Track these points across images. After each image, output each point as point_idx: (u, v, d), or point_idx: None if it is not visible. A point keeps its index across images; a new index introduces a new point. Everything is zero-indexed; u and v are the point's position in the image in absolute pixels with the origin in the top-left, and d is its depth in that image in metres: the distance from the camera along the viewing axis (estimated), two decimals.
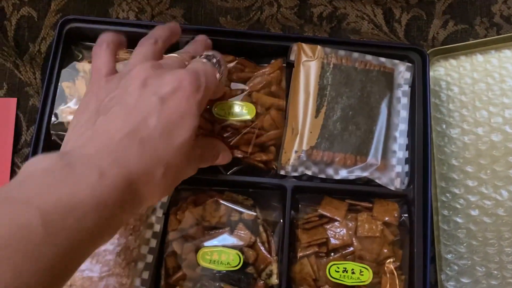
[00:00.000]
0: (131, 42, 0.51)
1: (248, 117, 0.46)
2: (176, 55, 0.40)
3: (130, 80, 0.36)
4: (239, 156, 0.46)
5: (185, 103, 0.35)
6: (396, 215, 0.47)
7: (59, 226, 0.27)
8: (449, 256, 0.51)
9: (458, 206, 0.52)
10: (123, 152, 0.32)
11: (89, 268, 0.44)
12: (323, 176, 0.47)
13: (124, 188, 0.31)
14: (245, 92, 0.47)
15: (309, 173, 0.47)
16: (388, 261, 0.46)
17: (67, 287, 0.44)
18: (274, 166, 0.48)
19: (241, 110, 0.46)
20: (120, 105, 0.35)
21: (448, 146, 0.53)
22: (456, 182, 0.52)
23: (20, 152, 0.54)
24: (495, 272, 0.50)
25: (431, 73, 0.55)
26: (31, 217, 0.26)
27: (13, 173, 0.54)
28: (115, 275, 0.44)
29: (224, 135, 0.46)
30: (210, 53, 0.40)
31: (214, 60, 0.40)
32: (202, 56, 0.40)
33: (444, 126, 0.54)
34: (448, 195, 0.53)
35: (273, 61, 0.49)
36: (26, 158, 0.54)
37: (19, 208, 0.27)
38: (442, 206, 0.53)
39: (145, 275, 0.45)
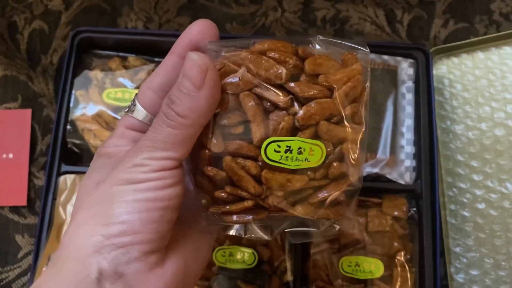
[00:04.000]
0: (140, 50, 0.54)
1: (313, 165, 0.29)
2: None
3: None
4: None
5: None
6: (404, 209, 0.49)
7: None
8: (457, 249, 0.53)
9: (465, 200, 0.53)
10: None
11: None
12: None
13: None
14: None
15: None
16: (399, 254, 0.47)
17: None
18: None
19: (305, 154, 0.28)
20: None
21: (453, 142, 0.55)
22: (462, 177, 0.54)
23: (36, 162, 0.56)
24: (503, 263, 0.51)
25: (434, 72, 0.57)
26: None
27: (30, 182, 0.55)
28: None
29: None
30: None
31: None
32: None
33: (448, 123, 0.55)
34: (454, 189, 0.54)
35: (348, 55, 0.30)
36: (42, 167, 0.55)
37: None
38: (449, 200, 0.54)
39: None
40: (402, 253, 0.48)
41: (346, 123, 0.29)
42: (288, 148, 0.28)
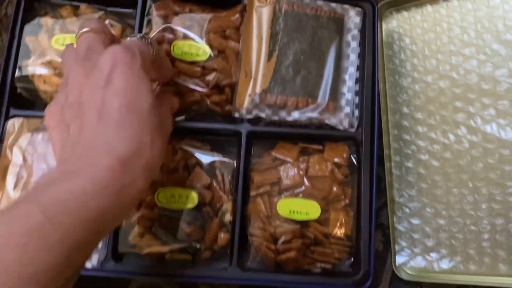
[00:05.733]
0: None
1: (203, 58, 0.50)
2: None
3: (73, 84, 0.38)
4: (195, 98, 0.49)
5: (130, 72, 0.36)
6: (345, 156, 0.50)
7: (59, 215, 0.30)
8: (401, 199, 0.54)
9: (409, 152, 0.54)
10: (107, 143, 0.34)
11: None
12: (276, 118, 0.49)
13: (118, 172, 0.33)
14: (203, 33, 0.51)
15: (262, 115, 0.49)
16: (337, 198, 0.49)
17: None
18: (229, 108, 0.50)
19: (197, 51, 0.50)
20: (80, 109, 0.36)
21: (400, 95, 0.55)
22: (407, 129, 0.55)
23: None
24: (443, 212, 0.52)
25: (384, 26, 0.57)
26: (33, 212, 0.29)
27: None
28: None
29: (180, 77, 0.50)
30: (138, 34, 0.42)
31: (144, 39, 0.41)
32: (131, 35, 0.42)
33: (396, 77, 0.56)
34: (400, 142, 0.55)
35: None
36: None
37: (23, 207, 0.30)
38: (394, 152, 0.55)
39: None
40: (341, 198, 0.49)
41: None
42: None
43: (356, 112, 0.51)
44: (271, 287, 0.48)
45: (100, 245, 0.47)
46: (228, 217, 0.48)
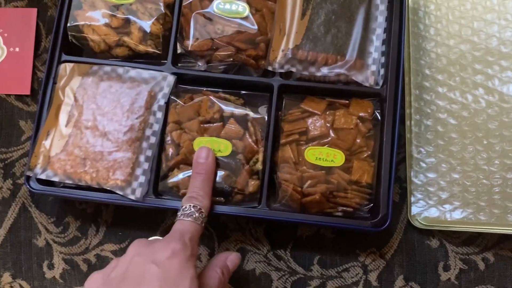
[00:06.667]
0: None
1: (242, 15, 0.54)
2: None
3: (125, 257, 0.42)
4: (232, 52, 0.53)
5: (180, 265, 0.41)
6: (369, 111, 0.54)
7: None
8: (418, 155, 0.57)
9: (429, 111, 0.58)
10: None
11: (100, 144, 0.51)
12: (306, 73, 0.53)
13: None
14: None
15: (293, 70, 0.53)
16: (360, 149, 0.53)
17: (81, 160, 0.51)
18: (263, 63, 0.54)
19: (237, 9, 0.54)
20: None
21: (423, 58, 0.59)
22: (428, 90, 0.58)
23: (40, 57, 0.61)
24: (458, 167, 0.56)
25: None
26: None
27: (34, 75, 0.61)
28: (123, 151, 0.51)
29: (218, 32, 0.53)
30: (193, 203, 0.47)
31: (196, 215, 0.46)
32: (185, 208, 0.46)
33: (420, 40, 0.59)
34: (421, 102, 0.58)
35: None
36: (45, 62, 0.58)
37: None
38: (415, 112, 0.58)
39: (149, 153, 0.52)
40: (364, 149, 0.53)
41: None
42: None
43: (382, 71, 0.54)
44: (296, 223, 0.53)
45: (143, 180, 0.51)
46: (258, 166, 0.52)
